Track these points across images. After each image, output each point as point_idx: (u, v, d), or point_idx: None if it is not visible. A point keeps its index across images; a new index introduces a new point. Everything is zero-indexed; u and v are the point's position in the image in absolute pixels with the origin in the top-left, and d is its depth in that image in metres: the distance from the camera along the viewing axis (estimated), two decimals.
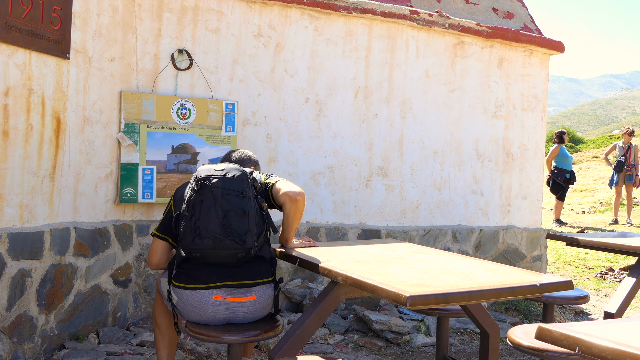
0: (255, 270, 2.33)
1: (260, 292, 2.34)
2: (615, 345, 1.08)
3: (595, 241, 3.27)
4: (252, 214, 2.25)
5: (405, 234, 4.44)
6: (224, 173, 2.28)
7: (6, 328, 2.75)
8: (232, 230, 2.20)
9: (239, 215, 2.21)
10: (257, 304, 2.34)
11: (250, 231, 2.23)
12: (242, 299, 2.29)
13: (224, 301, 2.28)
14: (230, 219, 2.20)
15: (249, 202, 2.26)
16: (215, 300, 2.27)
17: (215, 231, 2.19)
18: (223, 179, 2.25)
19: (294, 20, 4.10)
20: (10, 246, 2.75)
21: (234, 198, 2.23)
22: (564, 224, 9.46)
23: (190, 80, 3.82)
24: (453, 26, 4.51)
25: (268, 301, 2.38)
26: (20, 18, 2.80)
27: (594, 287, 5.65)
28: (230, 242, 2.20)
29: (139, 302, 3.75)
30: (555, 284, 1.99)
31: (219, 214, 2.20)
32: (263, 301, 2.36)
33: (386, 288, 1.79)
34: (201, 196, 2.24)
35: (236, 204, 2.22)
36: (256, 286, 2.33)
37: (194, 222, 2.22)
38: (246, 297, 2.30)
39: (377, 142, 4.38)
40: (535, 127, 4.96)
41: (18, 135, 2.85)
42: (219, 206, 2.21)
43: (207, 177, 2.26)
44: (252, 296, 2.31)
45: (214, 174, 2.27)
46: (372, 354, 3.54)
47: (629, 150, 9.65)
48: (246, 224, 2.22)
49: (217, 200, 2.22)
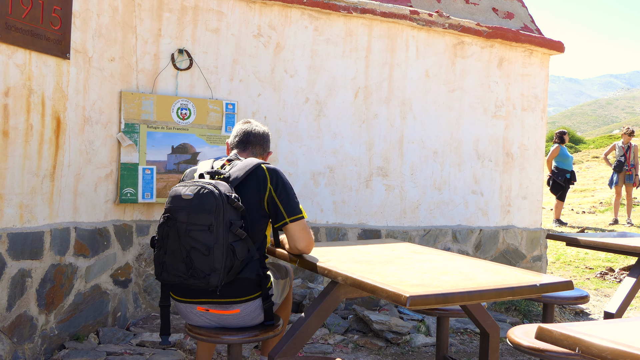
0: (238, 288, 2.19)
1: (244, 306, 2.23)
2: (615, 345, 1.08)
3: (595, 241, 3.27)
4: (218, 251, 2.04)
5: (405, 234, 4.44)
6: (192, 203, 2.05)
7: (6, 328, 2.75)
8: (195, 270, 2.05)
9: (203, 254, 2.03)
10: (242, 316, 2.25)
11: (215, 270, 2.04)
12: (226, 312, 2.22)
13: (207, 312, 2.24)
14: (193, 258, 2.04)
15: (217, 236, 2.04)
16: (199, 311, 2.25)
17: (179, 269, 2.07)
18: (189, 211, 2.04)
19: (294, 20, 4.10)
20: (10, 246, 2.75)
21: (199, 234, 2.03)
22: (564, 224, 9.46)
23: (190, 80, 3.82)
24: (453, 26, 4.51)
25: (255, 313, 2.27)
26: (20, 18, 2.80)
27: (594, 287, 5.65)
28: (194, 280, 2.06)
29: (139, 302, 3.75)
30: (555, 284, 1.98)
31: (183, 252, 2.05)
32: (250, 313, 2.26)
33: (386, 288, 1.79)
34: (168, 229, 2.09)
35: (200, 241, 2.03)
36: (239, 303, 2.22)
37: (162, 255, 2.12)
38: (229, 310, 2.22)
39: (377, 142, 4.38)
40: (535, 127, 4.96)
41: (18, 135, 2.85)
42: (182, 243, 2.05)
43: (174, 208, 2.08)
44: (235, 309, 2.23)
45: (181, 204, 2.07)
46: (372, 354, 3.54)
47: (629, 150, 9.64)
48: (211, 262, 2.03)
49: (180, 237, 2.05)
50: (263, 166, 2.28)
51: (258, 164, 2.27)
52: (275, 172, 2.29)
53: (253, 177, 2.24)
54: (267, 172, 2.26)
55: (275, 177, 2.27)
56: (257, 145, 2.50)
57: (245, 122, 2.55)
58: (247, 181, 2.23)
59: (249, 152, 2.48)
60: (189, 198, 2.06)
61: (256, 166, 2.26)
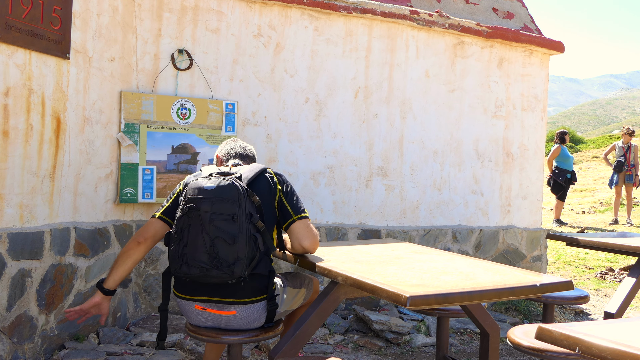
0: (241, 290, 2.18)
1: (241, 309, 2.21)
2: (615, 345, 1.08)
3: (595, 241, 3.27)
4: (242, 240, 2.07)
5: (405, 234, 4.44)
6: (215, 193, 2.09)
7: (6, 328, 2.75)
8: (219, 260, 2.05)
9: (228, 244, 2.05)
10: (239, 319, 2.23)
11: (240, 260, 2.07)
12: (222, 313, 2.21)
13: (204, 312, 2.24)
14: (218, 247, 2.05)
15: (240, 226, 2.07)
16: (197, 310, 2.25)
17: (202, 260, 2.06)
18: (212, 201, 2.07)
19: (294, 20, 4.10)
20: (10, 246, 2.75)
21: (223, 223, 2.06)
22: (564, 224, 9.46)
23: (190, 80, 3.82)
24: (453, 26, 4.51)
25: (254, 316, 2.24)
26: (20, 18, 2.80)
27: (594, 287, 5.65)
28: (217, 271, 2.06)
29: (139, 302, 3.75)
30: (555, 284, 1.98)
31: (207, 242, 2.06)
32: (247, 316, 2.23)
33: (386, 288, 1.79)
34: (189, 220, 2.09)
35: (225, 230, 2.05)
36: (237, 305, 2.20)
37: (182, 248, 2.10)
38: (226, 311, 2.21)
39: (377, 142, 4.38)
40: (535, 127, 4.96)
41: (18, 135, 2.85)
42: (206, 233, 2.06)
43: (197, 198, 2.10)
44: (231, 311, 2.21)
45: (204, 195, 2.09)
46: (372, 354, 3.54)
47: (629, 150, 9.64)
48: (235, 252, 2.06)
49: (204, 227, 2.06)
50: (270, 170, 2.38)
51: (265, 168, 2.36)
52: (282, 176, 2.40)
53: (263, 179, 2.31)
54: (275, 176, 2.36)
55: (283, 180, 2.37)
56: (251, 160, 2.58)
57: (234, 140, 2.64)
58: (257, 182, 2.29)
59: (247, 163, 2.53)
60: (212, 189, 2.10)
61: (264, 169, 2.35)
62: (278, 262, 4.01)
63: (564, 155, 9.36)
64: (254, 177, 2.28)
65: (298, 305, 2.50)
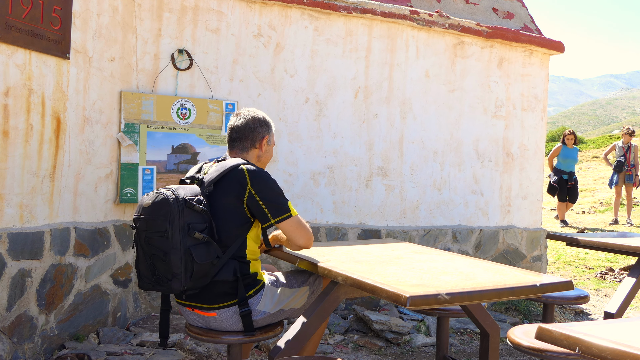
0: (213, 294, 2.20)
1: (220, 311, 2.23)
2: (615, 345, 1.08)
3: (595, 241, 3.27)
4: (176, 256, 2.05)
5: (405, 234, 4.44)
6: (149, 211, 2.08)
7: (6, 328, 2.75)
8: (159, 276, 2.10)
9: (162, 260, 2.07)
10: (221, 320, 2.24)
11: (176, 276, 2.06)
12: (205, 314, 2.26)
13: (193, 312, 2.29)
14: (155, 264, 2.09)
15: (173, 241, 2.05)
16: (187, 310, 2.31)
17: (147, 276, 2.14)
18: (146, 221, 2.08)
19: (294, 20, 4.10)
20: (10, 246, 2.75)
21: (156, 239, 2.07)
22: (566, 224, 9.42)
23: (190, 80, 3.82)
24: (453, 26, 4.51)
25: (233, 319, 2.24)
26: (20, 18, 2.80)
27: (594, 287, 5.65)
28: (160, 286, 2.12)
29: (139, 302, 3.75)
30: (555, 284, 1.98)
31: (147, 259, 2.11)
32: (227, 318, 2.23)
33: (386, 288, 1.79)
34: (135, 238, 2.17)
35: (158, 247, 2.07)
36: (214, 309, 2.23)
37: (137, 263, 2.19)
38: (207, 313, 2.25)
39: (377, 142, 4.38)
40: (535, 127, 4.96)
41: (18, 135, 2.85)
42: (145, 251, 2.11)
43: (136, 217, 2.13)
44: (212, 313, 2.24)
45: (141, 213, 2.11)
46: (372, 354, 3.54)
47: (629, 150, 9.64)
48: (170, 268, 2.06)
49: (142, 246, 2.11)
50: (243, 167, 2.20)
51: (236, 165, 2.21)
52: (256, 172, 2.21)
53: (229, 178, 2.19)
54: (247, 173, 2.19)
55: (256, 178, 2.19)
56: (243, 139, 2.38)
57: (234, 115, 2.46)
58: (222, 183, 2.19)
59: (237, 150, 2.40)
60: (148, 206, 2.09)
61: (233, 167, 2.21)
62: (278, 262, 4.01)
63: (562, 156, 9.36)
64: (220, 176, 2.18)
65: (301, 304, 2.44)
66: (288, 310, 2.41)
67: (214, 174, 2.22)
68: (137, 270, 2.20)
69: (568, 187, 9.25)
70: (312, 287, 2.50)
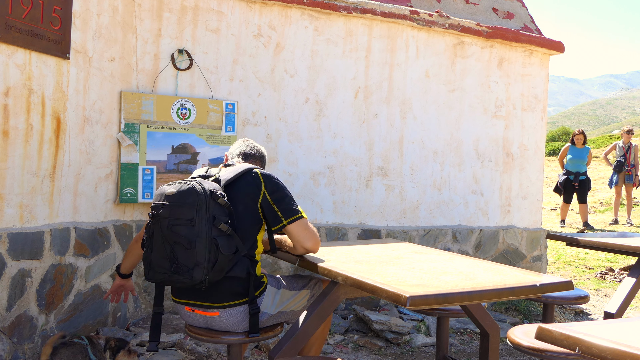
0: (220, 293, 2.19)
1: (223, 311, 2.21)
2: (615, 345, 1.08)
3: (595, 241, 3.27)
4: (201, 244, 2.05)
5: (405, 234, 4.44)
6: (174, 199, 2.08)
7: (6, 328, 2.75)
8: (179, 265, 2.06)
9: (186, 248, 2.05)
10: (222, 320, 2.23)
11: (199, 264, 2.05)
12: (207, 314, 2.24)
13: (193, 313, 2.27)
14: (176, 253, 2.06)
15: (199, 230, 2.06)
16: (187, 311, 2.29)
17: (163, 265, 2.09)
18: (171, 208, 2.07)
19: (294, 20, 4.10)
20: (10, 246, 2.75)
21: (181, 228, 2.05)
22: (562, 224, 9.39)
23: (190, 80, 3.82)
24: (453, 26, 4.51)
25: (237, 319, 2.23)
26: (20, 18, 2.80)
27: (594, 287, 5.65)
28: (179, 276, 2.07)
29: (139, 302, 3.75)
30: (555, 284, 1.99)
31: (167, 248, 2.08)
32: (229, 318, 2.23)
33: (386, 288, 1.79)
34: (154, 226, 2.12)
35: (183, 235, 2.05)
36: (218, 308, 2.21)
37: (149, 254, 2.14)
38: (210, 312, 2.23)
39: (377, 142, 4.38)
40: (535, 127, 4.96)
41: (18, 135, 2.85)
42: (165, 239, 2.07)
43: (157, 205, 2.11)
44: (214, 312, 2.22)
45: (163, 202, 2.10)
46: (372, 354, 3.54)
47: (629, 150, 9.63)
48: (194, 256, 2.05)
49: (164, 233, 2.07)
50: (257, 170, 2.28)
51: (251, 168, 2.29)
52: (269, 176, 2.29)
53: (245, 180, 2.25)
54: (261, 177, 2.26)
55: (270, 181, 2.26)
56: (257, 160, 2.54)
57: (246, 139, 2.62)
58: (238, 183, 2.24)
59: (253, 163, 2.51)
60: (172, 194, 2.09)
61: (248, 170, 2.28)
62: (278, 262, 4.01)
63: (570, 156, 9.17)
64: (235, 177, 2.24)
65: (300, 307, 2.44)
66: (288, 313, 2.40)
67: (229, 174, 2.26)
68: (146, 262, 2.15)
69: (574, 187, 9.07)
70: (313, 291, 2.50)
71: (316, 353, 2.51)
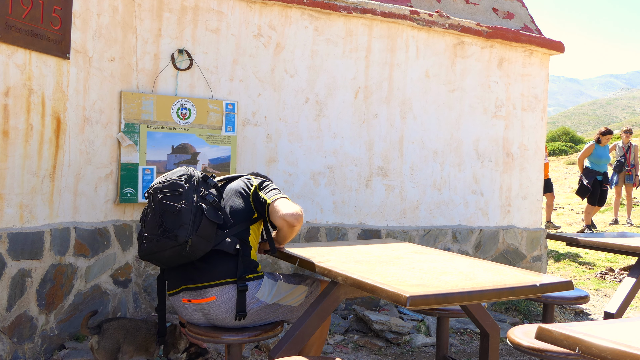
0: (212, 270, 2.25)
1: (219, 292, 2.24)
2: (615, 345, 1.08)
3: (595, 241, 3.27)
4: (186, 209, 2.18)
5: (405, 234, 4.44)
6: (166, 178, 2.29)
7: (6, 328, 2.75)
8: (165, 230, 2.18)
9: (173, 214, 2.18)
10: (220, 305, 2.24)
11: (183, 225, 2.16)
12: (203, 301, 2.24)
13: (190, 303, 2.28)
14: (165, 219, 2.19)
15: (186, 197, 2.21)
16: (184, 303, 2.30)
17: (153, 233, 2.20)
18: (162, 183, 2.26)
19: (294, 20, 4.10)
20: (10, 246, 2.75)
21: (169, 197, 2.21)
22: (594, 228, 8.90)
23: (190, 80, 3.82)
24: (453, 26, 4.51)
25: (232, 302, 2.25)
26: (20, 18, 2.80)
27: (594, 287, 5.65)
28: (165, 240, 2.17)
29: (139, 302, 3.75)
30: (555, 284, 1.99)
31: (157, 217, 2.21)
32: (226, 301, 2.24)
33: (386, 288, 1.79)
34: (148, 206, 2.28)
35: (170, 203, 2.20)
36: (213, 287, 2.24)
37: (142, 230, 2.27)
38: (205, 298, 2.24)
39: (377, 142, 4.38)
40: (535, 127, 4.96)
41: (18, 135, 2.85)
42: (157, 210, 2.22)
43: (152, 185, 2.30)
44: (211, 297, 2.23)
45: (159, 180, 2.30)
46: (372, 354, 3.54)
47: (629, 151, 9.63)
48: (180, 220, 2.17)
49: (155, 205, 2.23)
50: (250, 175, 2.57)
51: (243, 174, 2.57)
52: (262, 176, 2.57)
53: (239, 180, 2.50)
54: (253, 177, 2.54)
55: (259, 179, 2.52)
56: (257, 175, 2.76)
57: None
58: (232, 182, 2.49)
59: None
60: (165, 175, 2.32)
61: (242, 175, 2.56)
62: (278, 262, 4.01)
63: (596, 156, 8.75)
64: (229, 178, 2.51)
65: (297, 303, 2.46)
66: (284, 307, 2.41)
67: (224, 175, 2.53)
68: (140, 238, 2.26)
69: (602, 189, 8.66)
70: (310, 288, 2.52)
71: (316, 353, 2.51)
